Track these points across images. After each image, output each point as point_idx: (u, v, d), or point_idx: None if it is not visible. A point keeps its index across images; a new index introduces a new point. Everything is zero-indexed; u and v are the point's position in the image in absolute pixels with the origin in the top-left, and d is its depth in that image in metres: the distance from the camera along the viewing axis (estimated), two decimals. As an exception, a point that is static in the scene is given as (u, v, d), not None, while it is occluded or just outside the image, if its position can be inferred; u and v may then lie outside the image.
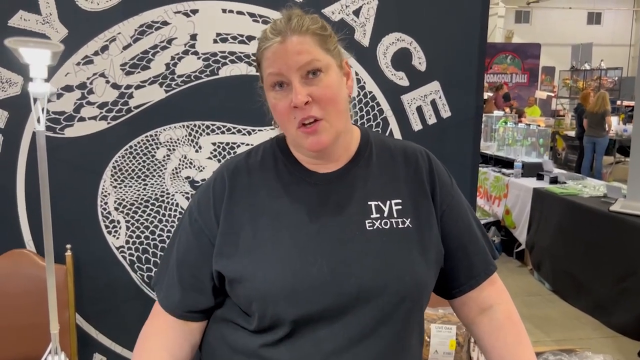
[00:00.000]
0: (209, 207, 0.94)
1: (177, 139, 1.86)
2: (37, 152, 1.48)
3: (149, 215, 1.88)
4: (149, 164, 1.86)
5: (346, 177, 0.95)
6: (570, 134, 9.26)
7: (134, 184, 1.86)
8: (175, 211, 1.89)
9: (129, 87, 1.81)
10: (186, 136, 1.86)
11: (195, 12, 1.81)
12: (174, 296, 0.95)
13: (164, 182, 1.88)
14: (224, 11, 1.83)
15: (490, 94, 10.22)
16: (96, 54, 1.78)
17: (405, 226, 0.92)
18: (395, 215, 0.93)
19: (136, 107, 1.83)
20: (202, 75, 1.84)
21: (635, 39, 18.91)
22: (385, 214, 0.92)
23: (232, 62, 1.85)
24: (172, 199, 1.89)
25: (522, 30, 18.82)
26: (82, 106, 1.80)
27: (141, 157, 1.85)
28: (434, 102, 1.99)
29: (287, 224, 0.91)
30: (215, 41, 1.84)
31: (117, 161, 1.84)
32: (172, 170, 1.88)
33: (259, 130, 1.88)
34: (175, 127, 1.86)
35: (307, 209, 0.91)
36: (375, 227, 0.91)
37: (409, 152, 1.00)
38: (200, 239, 0.94)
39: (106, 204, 1.85)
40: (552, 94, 13.48)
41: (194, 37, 1.82)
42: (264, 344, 0.88)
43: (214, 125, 1.88)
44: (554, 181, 4.47)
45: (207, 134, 1.87)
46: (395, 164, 0.98)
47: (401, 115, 1.98)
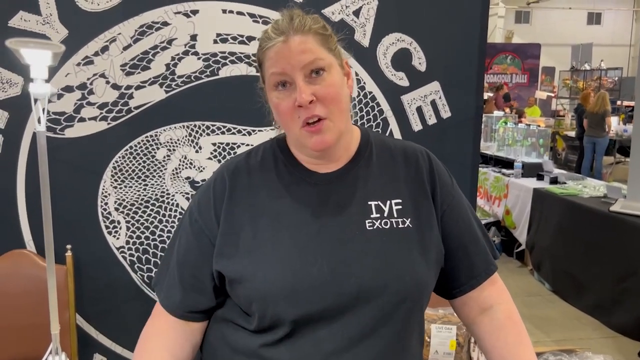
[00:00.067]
0: (209, 208, 0.94)
1: (177, 140, 1.86)
2: (38, 153, 1.48)
3: (149, 215, 1.88)
4: (149, 165, 1.86)
5: (346, 177, 0.95)
6: (570, 134, 9.26)
7: (134, 184, 1.86)
8: (175, 211, 1.89)
9: (129, 87, 1.81)
10: (186, 136, 1.87)
11: (195, 12, 1.81)
12: (175, 296, 0.95)
13: (164, 183, 1.88)
14: (224, 12, 1.83)
15: (490, 94, 10.22)
16: (96, 54, 1.78)
17: (405, 226, 0.92)
18: (395, 215, 0.93)
19: (136, 108, 1.83)
20: (202, 75, 1.84)
21: (635, 39, 18.91)
22: (385, 214, 0.92)
23: (233, 62, 1.86)
24: (172, 200, 1.89)
25: (522, 30, 18.83)
26: (82, 107, 1.80)
27: (141, 158, 1.85)
28: (434, 103, 1.99)
29: (287, 224, 0.91)
30: (215, 41, 1.84)
31: (117, 161, 1.84)
32: (172, 170, 1.88)
33: (259, 130, 1.88)
34: (175, 127, 1.86)
35: (307, 209, 0.91)
36: (375, 227, 0.91)
37: (409, 152, 1.00)
38: (200, 239, 0.94)
39: (106, 204, 1.85)
40: (552, 94, 13.47)
41: (194, 37, 1.82)
42: (264, 343, 0.88)
43: (214, 125, 1.88)
44: (554, 181, 4.47)
45: (207, 135, 1.87)
46: (395, 163, 0.98)
47: (401, 115, 1.98)
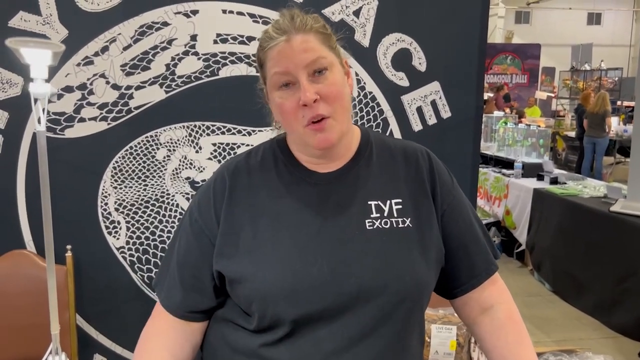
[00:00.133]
0: (209, 208, 0.94)
1: (178, 140, 1.86)
2: (38, 153, 1.48)
3: (149, 215, 1.88)
4: (149, 165, 1.86)
5: (346, 177, 0.95)
6: (570, 134, 9.26)
7: (134, 184, 1.86)
8: (175, 212, 1.89)
9: (129, 87, 1.81)
10: (186, 137, 1.87)
11: (195, 12, 1.81)
12: (176, 297, 0.95)
13: (164, 183, 1.88)
14: (224, 12, 1.83)
15: (490, 94, 10.22)
16: (96, 54, 1.78)
17: (405, 226, 0.92)
18: (395, 214, 0.92)
19: (136, 108, 1.83)
20: (202, 75, 1.84)
21: (635, 39, 18.91)
22: (385, 214, 0.92)
23: (233, 62, 1.86)
24: (172, 200, 1.89)
25: (522, 30, 18.84)
26: (82, 107, 1.80)
27: (141, 158, 1.85)
28: (434, 103, 1.99)
29: (287, 224, 0.91)
30: (215, 42, 1.84)
31: (117, 162, 1.84)
32: (173, 170, 1.88)
33: (259, 130, 1.88)
34: (175, 127, 1.86)
35: (308, 209, 0.91)
36: (375, 226, 0.91)
37: (409, 152, 1.00)
38: (200, 239, 0.94)
39: (106, 204, 1.85)
40: (552, 95, 13.47)
41: (194, 37, 1.82)
42: (264, 343, 0.88)
43: (214, 125, 1.88)
44: (554, 182, 4.47)
45: (208, 135, 1.87)
46: (395, 163, 0.98)
47: (401, 115, 1.98)
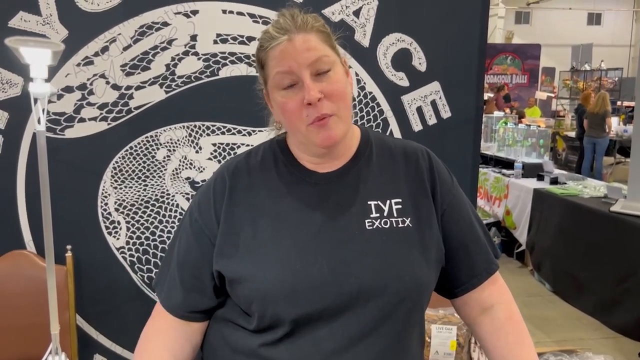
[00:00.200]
0: (209, 208, 0.94)
1: (178, 140, 1.86)
2: (38, 153, 1.48)
3: (149, 216, 1.88)
4: (149, 165, 1.86)
5: (346, 177, 0.95)
6: (570, 134, 9.26)
7: (134, 184, 1.86)
8: (175, 212, 1.89)
9: (129, 88, 1.81)
10: (186, 137, 1.86)
11: (195, 12, 1.81)
12: (176, 297, 0.95)
13: (164, 183, 1.88)
14: (224, 12, 1.83)
15: (490, 94, 10.22)
16: (96, 54, 1.78)
17: (405, 225, 0.92)
18: (395, 214, 0.92)
19: (136, 108, 1.83)
20: (202, 76, 1.84)
21: (635, 39, 18.92)
22: (385, 214, 0.92)
23: (233, 62, 1.85)
24: (172, 200, 1.88)
25: (522, 31, 18.84)
26: (82, 107, 1.80)
27: (141, 158, 1.85)
28: (434, 103, 1.99)
29: (287, 224, 0.90)
30: (215, 42, 1.84)
31: (117, 162, 1.84)
32: (173, 171, 1.88)
33: (259, 131, 1.88)
34: (175, 127, 1.86)
35: (307, 209, 0.91)
36: (375, 226, 0.91)
37: (409, 151, 1.00)
38: (200, 239, 0.94)
39: (106, 204, 1.85)
40: (552, 95, 13.47)
41: (194, 37, 1.82)
42: (264, 343, 0.88)
43: (214, 126, 1.88)
44: (555, 182, 4.47)
45: (208, 135, 1.87)
46: (395, 163, 0.98)
47: (401, 115, 1.98)
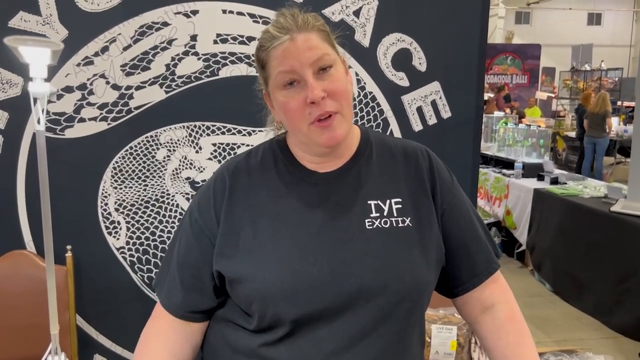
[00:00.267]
0: (209, 208, 0.94)
1: (178, 140, 1.86)
2: (37, 152, 1.48)
3: (149, 216, 1.88)
4: (149, 165, 1.86)
5: (346, 177, 0.95)
6: (570, 134, 9.26)
7: (134, 184, 1.86)
8: (175, 212, 1.89)
9: (129, 88, 1.81)
10: (186, 137, 1.86)
11: (195, 12, 1.81)
12: (176, 297, 0.95)
13: (164, 183, 1.87)
14: (224, 12, 1.83)
15: (491, 94, 10.22)
16: (96, 54, 1.78)
17: (405, 225, 0.92)
18: (395, 214, 0.92)
19: (136, 108, 1.83)
20: (202, 76, 1.84)
21: (635, 39, 18.92)
22: (385, 213, 0.92)
23: (233, 62, 1.85)
24: (172, 200, 1.88)
25: (523, 31, 18.84)
26: (82, 107, 1.80)
27: (141, 158, 1.85)
28: (434, 103, 1.99)
29: (287, 224, 0.90)
30: (215, 42, 1.84)
31: (117, 162, 1.84)
32: (173, 171, 1.87)
33: (260, 130, 1.88)
34: (175, 127, 1.86)
35: (307, 209, 0.91)
36: (374, 226, 0.91)
37: (409, 151, 1.00)
38: (200, 239, 0.94)
39: (106, 204, 1.85)
40: (553, 95, 13.47)
41: (194, 37, 1.82)
42: (264, 343, 0.88)
43: (214, 126, 1.88)
44: (555, 182, 4.47)
45: (208, 135, 1.87)
46: (395, 162, 0.98)
47: (401, 115, 1.98)
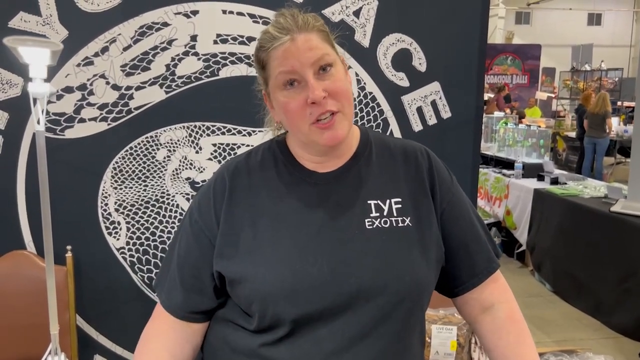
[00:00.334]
0: (209, 208, 0.94)
1: (178, 140, 1.86)
2: (37, 153, 1.48)
3: (150, 216, 1.88)
4: (149, 165, 1.86)
5: (346, 177, 0.95)
6: (570, 134, 9.26)
7: (134, 185, 1.86)
8: (175, 212, 1.89)
9: (129, 88, 1.81)
10: (186, 137, 1.86)
11: (195, 13, 1.81)
12: (176, 298, 0.95)
13: (165, 183, 1.87)
14: (224, 12, 1.83)
15: (491, 95, 10.22)
16: (96, 55, 1.78)
17: (405, 225, 0.92)
18: (395, 214, 0.92)
19: (136, 108, 1.83)
20: (202, 76, 1.84)
21: (635, 39, 18.92)
22: (384, 213, 0.92)
23: (233, 63, 1.85)
24: (172, 200, 1.88)
25: (523, 31, 18.83)
26: (82, 107, 1.80)
27: (141, 158, 1.85)
28: (434, 103, 1.99)
29: (287, 224, 0.91)
30: (215, 42, 1.84)
31: (117, 162, 1.84)
32: (173, 171, 1.88)
33: (260, 131, 1.88)
34: (175, 128, 1.86)
35: (307, 209, 0.91)
36: (374, 226, 0.91)
37: (409, 151, 1.00)
38: (200, 240, 0.94)
39: (106, 205, 1.85)
40: (553, 95, 13.47)
41: (194, 38, 1.82)
42: (264, 343, 0.88)
43: (214, 126, 1.88)
44: (555, 182, 4.47)
45: (208, 135, 1.87)
46: (395, 162, 0.98)
47: (401, 115, 1.98)
